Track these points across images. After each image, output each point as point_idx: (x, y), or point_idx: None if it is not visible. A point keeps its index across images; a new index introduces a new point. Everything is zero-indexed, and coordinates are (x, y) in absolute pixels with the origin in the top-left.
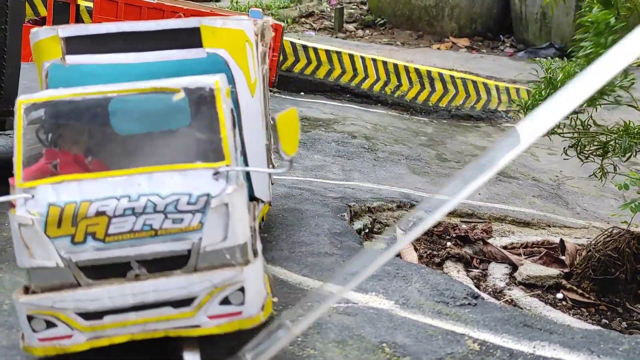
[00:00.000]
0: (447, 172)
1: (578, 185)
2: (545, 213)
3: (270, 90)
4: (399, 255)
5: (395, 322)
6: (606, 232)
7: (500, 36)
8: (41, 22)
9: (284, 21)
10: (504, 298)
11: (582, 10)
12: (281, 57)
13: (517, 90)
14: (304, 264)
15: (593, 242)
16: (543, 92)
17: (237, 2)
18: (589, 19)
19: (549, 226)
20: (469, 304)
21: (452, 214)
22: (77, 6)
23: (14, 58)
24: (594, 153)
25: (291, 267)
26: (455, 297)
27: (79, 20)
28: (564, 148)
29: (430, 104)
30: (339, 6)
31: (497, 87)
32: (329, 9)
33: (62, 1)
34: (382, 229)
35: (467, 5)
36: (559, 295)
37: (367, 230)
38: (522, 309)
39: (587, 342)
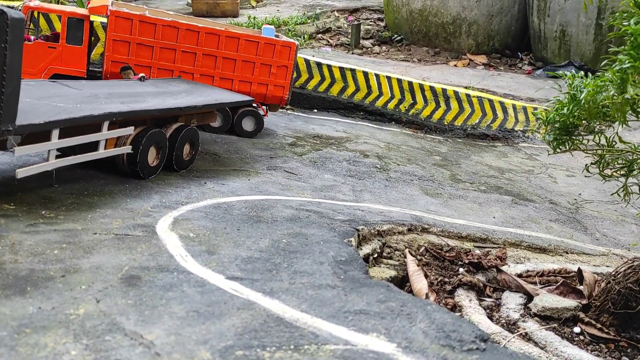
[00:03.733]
0: (461, 193)
1: (598, 209)
2: (563, 239)
3: (283, 108)
4: (408, 283)
5: None
6: (627, 263)
7: (519, 54)
8: (53, 37)
9: (301, 37)
10: (517, 331)
11: (612, 21)
12: (294, 74)
13: (535, 109)
14: (303, 297)
15: (613, 272)
16: (566, 109)
17: (254, 18)
18: (626, 31)
19: (567, 253)
20: (477, 348)
21: (465, 238)
22: (91, 22)
23: (14, 77)
24: (618, 172)
25: (289, 301)
26: (463, 340)
27: (93, 36)
28: (586, 165)
29: (445, 123)
30: (356, 22)
31: (514, 106)
32: (345, 26)
33: (76, 17)
34: (391, 253)
35: (484, 22)
36: (577, 329)
37: (375, 255)
38: (536, 343)
39: None
